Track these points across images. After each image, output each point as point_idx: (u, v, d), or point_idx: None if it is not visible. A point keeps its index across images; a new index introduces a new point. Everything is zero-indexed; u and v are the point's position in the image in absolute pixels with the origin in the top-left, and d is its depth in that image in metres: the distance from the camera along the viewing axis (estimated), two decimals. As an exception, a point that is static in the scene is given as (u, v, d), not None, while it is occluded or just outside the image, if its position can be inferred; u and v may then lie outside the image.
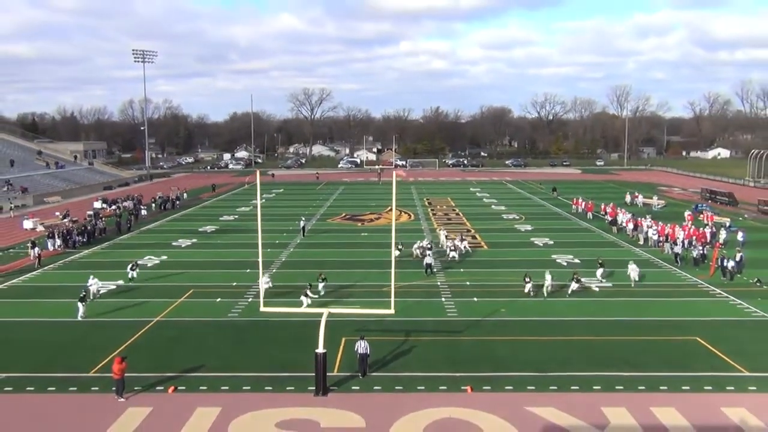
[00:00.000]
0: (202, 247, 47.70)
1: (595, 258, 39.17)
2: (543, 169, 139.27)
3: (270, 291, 32.32)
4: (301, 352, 24.51)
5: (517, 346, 25.74)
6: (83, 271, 39.33)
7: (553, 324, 28.29)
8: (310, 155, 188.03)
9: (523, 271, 38.22)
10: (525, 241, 49.92)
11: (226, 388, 21.81)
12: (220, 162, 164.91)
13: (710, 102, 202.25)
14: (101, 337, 27.11)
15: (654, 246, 46.28)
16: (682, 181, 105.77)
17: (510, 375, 22.78)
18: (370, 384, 22.06)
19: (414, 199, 78.83)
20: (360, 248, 46.25)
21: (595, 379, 22.35)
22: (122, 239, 51.44)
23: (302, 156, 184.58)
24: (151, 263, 41.92)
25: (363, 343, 22.91)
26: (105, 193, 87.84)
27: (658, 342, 26.22)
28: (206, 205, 75.17)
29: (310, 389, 21.48)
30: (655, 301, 32.39)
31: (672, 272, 38.70)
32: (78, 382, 22.30)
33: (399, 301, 25.52)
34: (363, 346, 22.86)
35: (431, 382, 22.15)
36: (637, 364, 23.67)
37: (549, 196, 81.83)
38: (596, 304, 31.77)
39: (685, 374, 22.77)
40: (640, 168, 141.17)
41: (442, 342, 26.36)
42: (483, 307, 31.15)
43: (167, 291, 34.36)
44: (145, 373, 22.80)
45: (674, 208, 66.97)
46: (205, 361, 24.27)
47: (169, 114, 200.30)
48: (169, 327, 28.63)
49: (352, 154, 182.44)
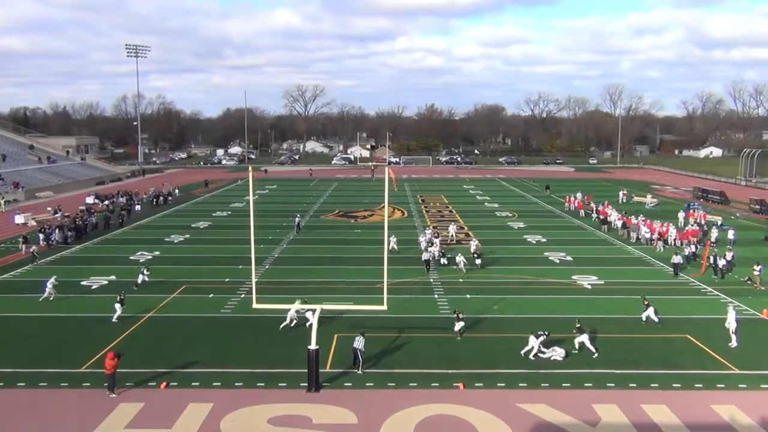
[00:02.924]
0: (195, 243, 47.61)
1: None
2: (536, 167, 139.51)
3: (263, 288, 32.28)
4: (293, 348, 24.52)
5: (510, 343, 25.80)
6: (75, 267, 39.24)
7: (545, 322, 28.34)
8: (304, 152, 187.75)
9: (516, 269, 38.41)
10: (518, 238, 50.03)
11: (218, 384, 21.80)
12: (213, 158, 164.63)
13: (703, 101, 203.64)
14: (93, 332, 27.04)
15: (646, 244, 46.48)
16: (674, 179, 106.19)
17: (502, 372, 22.85)
18: (362, 380, 22.09)
19: (407, 196, 78.86)
20: (353, 245, 46.26)
21: (587, 377, 22.44)
22: (114, 235, 51.26)
23: (296, 152, 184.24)
24: (144, 259, 41.82)
25: (360, 339, 23.16)
26: (97, 188, 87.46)
27: (649, 340, 26.34)
28: (199, 201, 74.96)
29: (303, 385, 21.50)
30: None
31: (663, 270, 38.87)
32: (69, 378, 22.25)
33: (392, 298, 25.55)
34: (358, 341, 23.08)
35: (423, 379, 22.19)
36: (629, 362, 23.78)
37: (542, 193, 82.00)
38: (588, 302, 31.88)
39: (676, 372, 22.89)
40: (633, 166, 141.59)
41: (434, 339, 26.41)
42: (475, 304, 31.23)
43: (160, 287, 34.26)
44: (137, 368, 22.75)
45: (667, 207, 67.26)
46: (197, 356, 24.25)
47: (163, 109, 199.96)
48: (161, 323, 28.60)
49: (346, 150, 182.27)
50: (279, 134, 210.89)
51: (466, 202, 73.79)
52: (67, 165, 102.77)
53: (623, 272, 38.15)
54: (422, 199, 75.96)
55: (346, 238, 49.76)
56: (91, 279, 35.93)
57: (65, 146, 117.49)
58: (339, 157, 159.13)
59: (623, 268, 39.52)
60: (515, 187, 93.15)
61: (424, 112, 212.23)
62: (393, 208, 65.84)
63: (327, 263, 40.22)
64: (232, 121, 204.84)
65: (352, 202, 72.65)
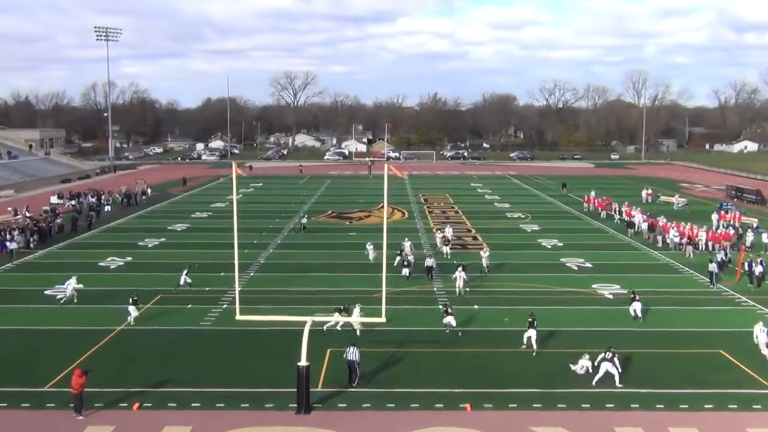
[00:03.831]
0: (171, 248, 47.56)
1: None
2: (552, 163, 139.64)
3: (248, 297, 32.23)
4: (281, 364, 24.44)
5: (522, 358, 25.75)
6: (38, 274, 39.16)
7: (561, 335, 28.33)
8: (293, 146, 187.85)
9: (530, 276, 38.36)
10: (531, 242, 50.04)
11: (197, 404, 21.74)
12: (192, 153, 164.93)
13: (736, 90, 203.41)
14: (58, 347, 26.97)
15: (675, 249, 46.44)
16: (705, 177, 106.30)
17: (514, 391, 22.80)
18: (357, 401, 22.04)
19: (408, 195, 78.90)
20: (348, 249, 46.23)
21: (608, 396, 22.40)
22: (82, 238, 51.19)
23: (284, 146, 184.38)
24: (115, 265, 41.75)
25: (352, 350, 23.21)
26: (63, 186, 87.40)
27: (677, 355, 26.32)
28: (176, 201, 74.93)
29: (292, 406, 21.43)
30: (674, 310, 32.53)
31: (693, 278, 38.87)
32: (32, 398, 22.16)
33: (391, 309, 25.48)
34: (352, 352, 23.16)
35: (426, 399, 22.14)
36: (655, 380, 23.74)
37: (558, 192, 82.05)
38: (609, 314, 31.86)
39: (707, 391, 22.86)
40: (659, 162, 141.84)
41: (438, 354, 26.36)
42: (484, 316, 31.18)
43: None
44: (107, 387, 22.65)
45: (697, 207, 67.30)
46: (174, 374, 24.19)
47: (136, 99, 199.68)
48: (134, 336, 28.51)
49: (340, 144, 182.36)
50: (265, 126, 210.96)
51: (474, 202, 73.81)
52: (29, 160, 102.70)
53: (649, 280, 38.12)
54: (425, 199, 75.96)
55: (340, 242, 49.73)
56: (56, 288, 35.79)
57: (28, 140, 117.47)
58: (332, 152, 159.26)
59: (649, 275, 39.51)
60: (528, 185, 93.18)
61: (426, 101, 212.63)
62: (392, 208, 65.86)
63: (318, 270, 40.18)
64: (213, 111, 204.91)
65: (347, 201, 72.66)
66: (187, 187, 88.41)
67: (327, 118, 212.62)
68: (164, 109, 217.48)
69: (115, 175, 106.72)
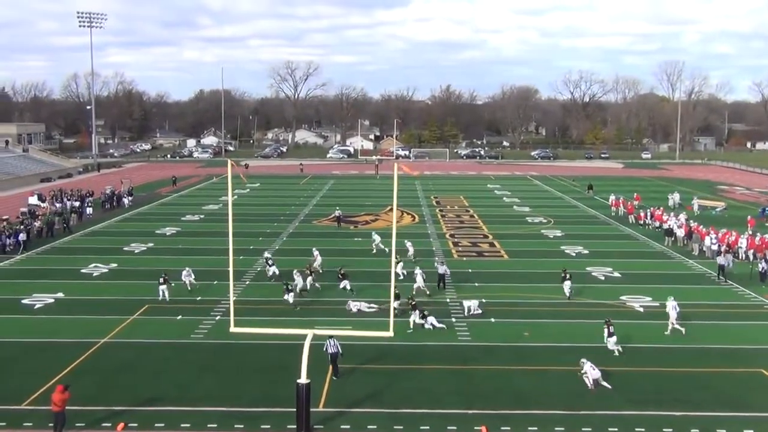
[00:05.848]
0: (159, 254, 47.67)
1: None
2: (576, 163, 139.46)
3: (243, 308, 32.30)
4: (279, 381, 24.53)
5: (543, 377, 25.76)
6: (15, 282, 39.33)
7: (586, 351, 28.26)
8: (293, 142, 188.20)
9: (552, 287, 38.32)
10: (554, 249, 49.99)
11: (187, 425, 21.81)
12: (182, 150, 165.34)
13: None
14: (37, 361, 27.09)
15: (712, 258, 46.26)
16: (746, 178, 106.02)
17: (534, 413, 22.81)
18: (363, 422, 22.08)
19: (419, 197, 78.94)
20: (352, 256, 46.27)
21: (638, 419, 22.38)
22: (62, 243, 51.42)
23: (283, 143, 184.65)
24: (98, 272, 41.93)
25: (333, 342, 24.85)
26: (42, 186, 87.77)
27: (714, 375, 26.27)
28: (165, 202, 75.17)
29: (291, 428, 21.49)
30: (711, 325, 32.48)
31: (732, 290, 38.78)
32: (8, 416, 22.27)
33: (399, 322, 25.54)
34: (333, 344, 24.80)
35: (438, 421, 22.16)
36: (690, 402, 23.70)
37: (584, 195, 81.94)
38: (638, 329, 31.78)
39: (747, 414, 22.82)
40: (695, 162, 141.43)
41: (451, 372, 26.40)
42: (502, 330, 31.19)
43: (117, 306, 34.35)
44: (89, 405, 22.76)
45: (736, 212, 67.06)
46: (162, 391, 24.27)
47: (122, 91, 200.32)
48: (119, 349, 28.61)
49: (345, 141, 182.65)
50: (263, 121, 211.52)
51: (491, 205, 73.81)
52: (5, 158, 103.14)
53: (684, 292, 37.89)
54: (437, 201, 76.03)
55: (344, 248, 49.79)
56: (34, 296, 36.01)
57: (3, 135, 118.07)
58: (336, 150, 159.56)
59: (683, 286, 39.39)
60: (550, 186, 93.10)
61: (439, 94, 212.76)
62: (402, 211, 65.92)
63: (320, 279, 40.21)
64: (205, 105, 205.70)
65: (352, 204, 72.64)
66: (178, 187, 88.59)
67: (330, 113, 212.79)
68: (153, 102, 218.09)
69: (99, 174, 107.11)
